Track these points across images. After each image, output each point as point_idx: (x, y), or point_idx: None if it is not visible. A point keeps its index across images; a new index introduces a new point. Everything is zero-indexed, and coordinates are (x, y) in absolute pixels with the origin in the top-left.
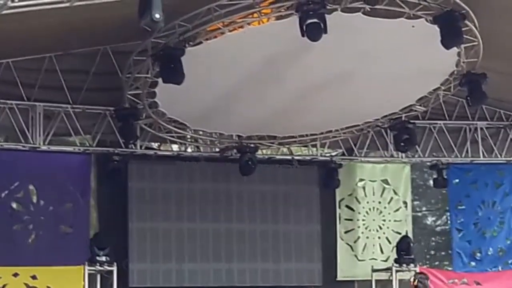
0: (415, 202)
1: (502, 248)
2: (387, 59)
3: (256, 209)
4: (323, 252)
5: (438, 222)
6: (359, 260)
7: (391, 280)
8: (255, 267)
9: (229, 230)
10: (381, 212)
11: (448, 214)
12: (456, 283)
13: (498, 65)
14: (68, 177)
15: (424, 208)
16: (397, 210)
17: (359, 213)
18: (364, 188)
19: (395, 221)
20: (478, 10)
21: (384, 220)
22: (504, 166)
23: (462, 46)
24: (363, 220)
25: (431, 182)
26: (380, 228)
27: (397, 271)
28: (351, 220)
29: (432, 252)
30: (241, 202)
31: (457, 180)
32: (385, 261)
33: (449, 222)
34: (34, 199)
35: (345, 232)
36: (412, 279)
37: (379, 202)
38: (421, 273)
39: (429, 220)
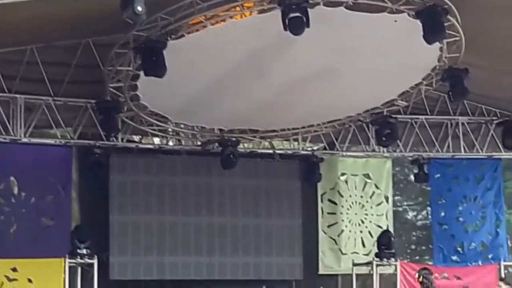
0: (396, 197)
1: (484, 242)
2: (369, 54)
3: (238, 203)
4: (304, 246)
5: (419, 217)
6: (343, 254)
7: (372, 275)
8: (236, 261)
9: (210, 224)
10: (363, 206)
11: (429, 209)
12: (437, 277)
13: (480, 60)
14: (50, 170)
15: (405, 203)
16: (379, 204)
17: (342, 206)
18: (346, 182)
19: (377, 215)
20: (461, 6)
21: (366, 214)
22: (485, 161)
23: (444, 41)
24: (347, 214)
25: (412, 177)
26: (363, 222)
27: (377, 265)
28: (334, 214)
29: (413, 247)
30: (223, 196)
31: (438, 175)
32: (367, 255)
33: (430, 216)
34: (15, 191)
35: (328, 226)
36: (417, 276)
37: (361, 196)
38: (425, 268)
39: (410, 214)
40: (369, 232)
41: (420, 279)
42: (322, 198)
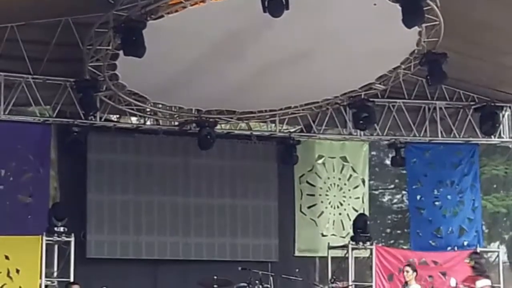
0: (372, 181)
1: (462, 227)
2: (348, 37)
3: (214, 184)
4: (280, 228)
5: (394, 201)
6: (323, 236)
7: (347, 258)
8: (212, 241)
9: (186, 204)
10: (341, 188)
11: (405, 193)
12: (414, 262)
13: (458, 45)
14: (28, 147)
15: (380, 187)
16: (356, 187)
17: (321, 188)
18: (323, 164)
19: (355, 198)
20: None
21: (344, 197)
22: (462, 146)
23: (423, 25)
24: (326, 195)
25: (388, 161)
26: (341, 204)
27: (353, 248)
28: (313, 195)
29: (388, 231)
30: (199, 176)
31: (414, 159)
32: (344, 237)
33: (406, 201)
34: None
35: (309, 207)
36: (467, 260)
37: (339, 179)
38: (475, 253)
39: (386, 198)
40: (347, 215)
41: (472, 264)
42: (301, 180)
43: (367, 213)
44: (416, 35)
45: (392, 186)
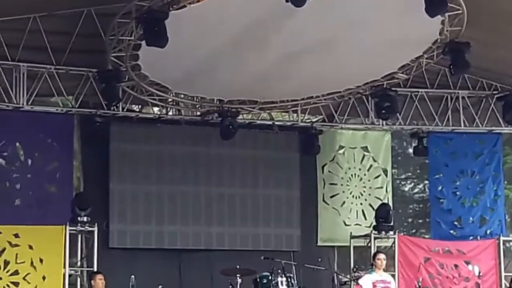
0: (394, 170)
1: (483, 217)
2: (370, 26)
3: (236, 174)
4: (303, 217)
5: (416, 190)
6: (346, 225)
7: (369, 247)
8: (234, 231)
9: (208, 194)
10: (361, 179)
11: (427, 182)
12: (439, 251)
13: (481, 34)
14: (53, 137)
15: (402, 176)
16: (377, 177)
17: (342, 178)
18: (344, 154)
19: (376, 188)
20: None
21: (364, 187)
22: (485, 135)
23: (446, 14)
24: (347, 185)
25: (410, 150)
26: (362, 194)
27: (375, 238)
28: (335, 184)
29: (410, 220)
30: (221, 166)
31: (437, 149)
32: (368, 227)
33: (427, 190)
34: (22, 157)
35: (331, 197)
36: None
37: (359, 169)
38: None
39: (407, 188)
40: (370, 205)
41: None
42: (323, 169)
43: (390, 202)
44: (439, 24)
45: (414, 175)
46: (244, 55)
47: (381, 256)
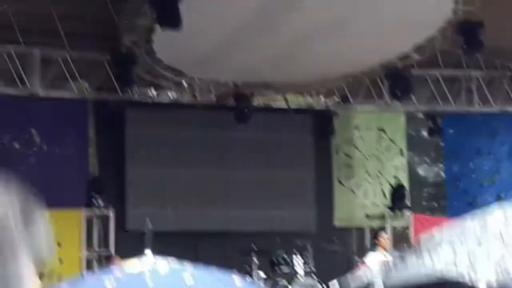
0: (409, 152)
1: (500, 196)
2: (384, 7)
3: (252, 156)
4: (318, 199)
5: (431, 172)
6: (362, 206)
7: (385, 228)
8: (251, 213)
9: (224, 177)
10: (379, 159)
11: (442, 164)
12: None
13: (495, 14)
14: (68, 122)
15: (417, 158)
16: (394, 158)
17: (359, 159)
18: (361, 136)
19: (393, 168)
20: None
21: (382, 168)
22: (499, 116)
23: None
24: (364, 166)
25: (425, 133)
26: (381, 175)
27: (391, 218)
28: (351, 166)
29: (424, 203)
30: (237, 149)
31: (451, 130)
32: (384, 208)
33: (442, 173)
34: (38, 142)
35: (347, 178)
36: None
37: (377, 149)
38: None
39: (422, 169)
40: (387, 185)
41: None
42: (338, 151)
43: (405, 183)
44: (452, 3)
45: (429, 159)
46: (258, 37)
47: (385, 235)
